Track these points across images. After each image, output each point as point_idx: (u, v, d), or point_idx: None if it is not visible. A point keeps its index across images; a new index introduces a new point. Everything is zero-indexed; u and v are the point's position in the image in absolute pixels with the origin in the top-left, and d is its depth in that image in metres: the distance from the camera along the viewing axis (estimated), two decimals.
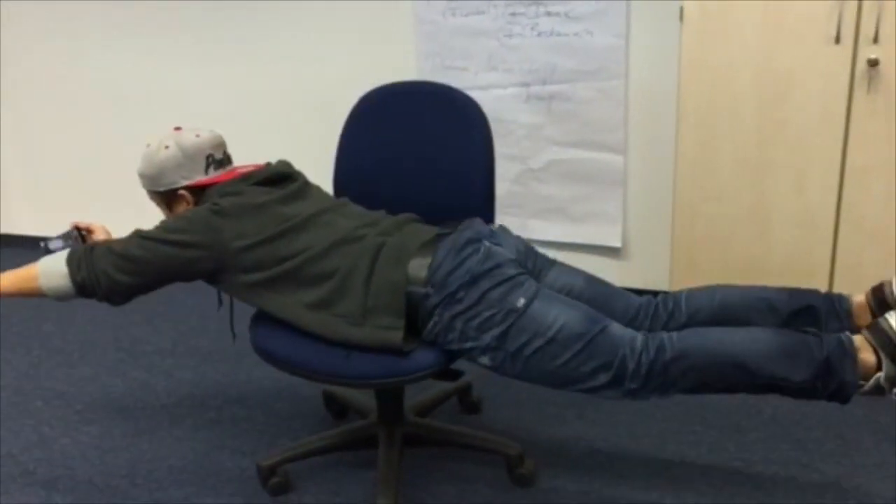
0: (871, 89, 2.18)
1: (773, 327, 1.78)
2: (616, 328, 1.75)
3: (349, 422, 2.36)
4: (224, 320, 1.93)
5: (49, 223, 2.27)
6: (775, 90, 2.25)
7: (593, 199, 3.00)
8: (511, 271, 1.78)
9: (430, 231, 1.92)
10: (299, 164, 2.09)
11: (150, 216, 1.99)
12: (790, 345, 1.68)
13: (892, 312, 1.67)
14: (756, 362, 1.67)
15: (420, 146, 2.16)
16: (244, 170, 1.98)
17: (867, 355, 1.66)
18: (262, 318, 1.94)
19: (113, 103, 3.61)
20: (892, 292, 1.76)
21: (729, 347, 1.69)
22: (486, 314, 1.74)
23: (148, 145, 1.95)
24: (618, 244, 3.02)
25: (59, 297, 1.85)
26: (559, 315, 1.73)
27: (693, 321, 1.87)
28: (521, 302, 1.73)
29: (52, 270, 1.83)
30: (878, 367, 1.64)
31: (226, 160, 2.00)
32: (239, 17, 3.31)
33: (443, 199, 2.11)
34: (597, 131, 2.91)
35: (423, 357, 1.79)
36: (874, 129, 2.20)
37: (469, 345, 1.76)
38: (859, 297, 1.84)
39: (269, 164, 2.01)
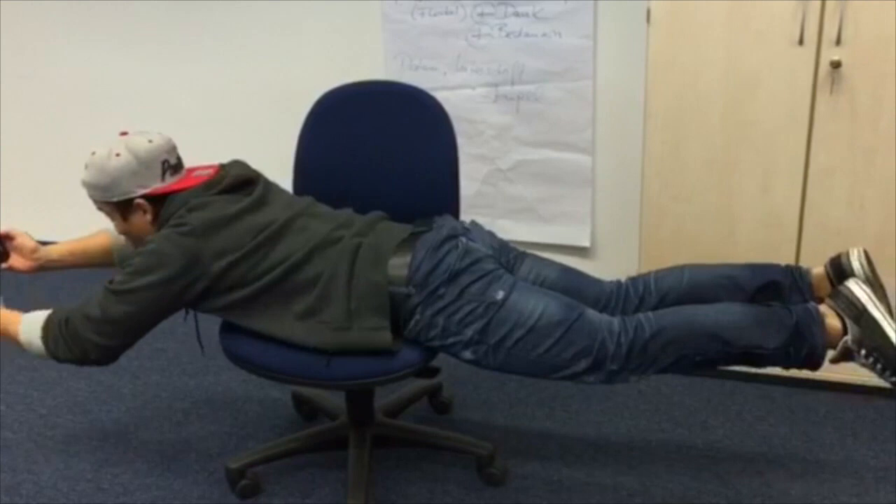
0: (833, 91, 2.21)
1: (742, 303, 1.85)
2: (592, 314, 1.79)
3: (319, 423, 2.35)
4: (191, 322, 1.91)
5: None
6: (741, 91, 2.28)
7: (562, 199, 3.01)
8: (489, 266, 1.81)
9: (403, 229, 1.91)
10: (266, 163, 2.07)
11: None
12: (761, 314, 1.77)
13: (850, 280, 1.78)
14: (731, 332, 1.74)
15: (382, 145, 2.15)
16: (200, 173, 1.91)
17: (833, 321, 1.75)
18: (232, 324, 1.91)
19: (79, 103, 3.56)
20: (848, 262, 1.84)
21: (704, 319, 1.76)
22: (467, 309, 1.76)
23: (93, 153, 1.84)
24: (586, 244, 3.04)
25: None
26: (537, 304, 1.76)
27: (664, 303, 1.92)
28: (500, 295, 1.76)
29: (31, 344, 1.81)
30: (844, 332, 1.73)
31: (179, 164, 1.91)
32: (206, 15, 3.28)
33: (407, 199, 2.11)
34: (565, 132, 2.92)
35: (408, 355, 1.80)
36: (836, 130, 2.23)
37: (451, 340, 1.78)
38: (818, 269, 1.92)
39: (223, 166, 1.94)
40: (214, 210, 1.80)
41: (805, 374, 2.46)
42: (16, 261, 2.06)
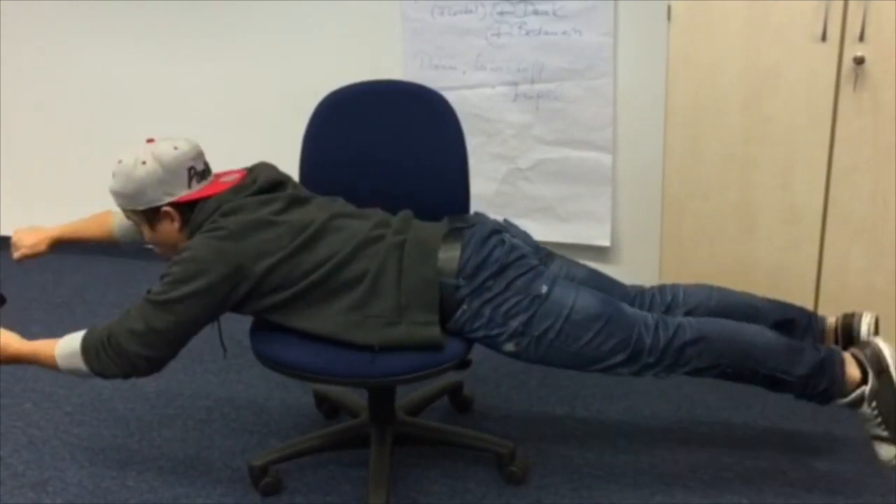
0: (857, 87, 2.19)
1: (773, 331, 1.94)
2: (627, 308, 1.88)
3: (340, 421, 2.36)
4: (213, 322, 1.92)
5: (32, 224, 2.29)
6: (762, 88, 2.27)
7: (582, 199, 3.01)
8: (532, 262, 1.88)
9: (439, 226, 1.94)
10: (287, 165, 2.08)
11: None
12: (793, 344, 1.89)
13: (880, 338, 1.91)
14: (764, 353, 1.85)
15: (389, 145, 2.15)
16: (227, 179, 1.91)
17: (852, 370, 1.86)
18: (262, 327, 1.91)
19: (103, 104, 3.59)
20: (859, 329, 1.99)
21: (743, 337, 1.87)
22: (513, 301, 1.81)
23: (120, 161, 1.83)
24: (606, 243, 3.03)
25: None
26: (577, 298, 1.83)
27: (692, 315, 1.99)
28: (545, 289, 1.83)
29: (73, 369, 1.80)
30: (863, 382, 1.85)
31: (207, 171, 1.91)
32: (225, 15, 3.30)
33: (417, 198, 2.10)
34: (585, 130, 2.92)
35: (452, 348, 1.83)
36: (860, 127, 2.21)
37: (496, 331, 1.82)
38: (831, 320, 2.07)
39: (250, 170, 1.95)
40: (249, 212, 1.80)
41: None
42: (23, 253, 2.12)
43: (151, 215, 1.85)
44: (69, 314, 3.20)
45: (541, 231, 3.04)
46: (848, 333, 2.02)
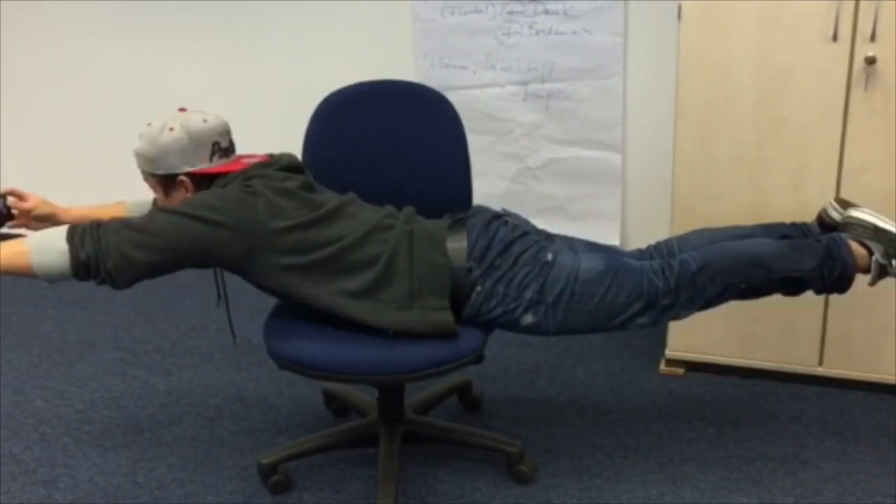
0: (868, 87, 2.18)
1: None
2: (630, 260, 1.96)
3: (349, 420, 2.36)
4: (223, 319, 1.93)
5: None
6: (773, 88, 2.26)
7: (592, 198, 3.00)
8: (535, 237, 1.95)
9: (443, 220, 1.99)
10: None
11: None
12: (794, 243, 1.96)
13: (850, 208, 1.98)
14: (771, 259, 1.90)
15: (390, 144, 2.16)
16: (250, 159, 1.93)
17: (857, 248, 1.91)
18: (274, 324, 1.92)
19: (112, 102, 3.61)
20: (828, 215, 2.04)
21: (745, 251, 1.93)
22: (523, 272, 1.87)
23: (149, 124, 1.86)
24: (616, 242, 3.02)
25: (50, 278, 1.69)
26: (582, 259, 1.91)
27: None
28: (550, 256, 1.90)
29: (46, 246, 1.68)
30: (870, 253, 1.90)
31: (231, 149, 1.93)
32: (237, 14, 3.31)
33: (420, 196, 2.10)
34: (595, 130, 2.92)
35: (470, 339, 1.85)
36: (871, 127, 2.20)
37: (512, 305, 1.87)
38: (814, 226, 2.12)
39: (272, 155, 1.98)
40: (273, 180, 1.83)
41: (838, 372, 2.44)
42: (28, 223, 2.03)
43: (167, 182, 1.87)
44: (80, 311, 3.21)
45: (551, 230, 3.03)
46: (824, 225, 2.06)
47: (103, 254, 1.68)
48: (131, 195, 2.15)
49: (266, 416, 2.46)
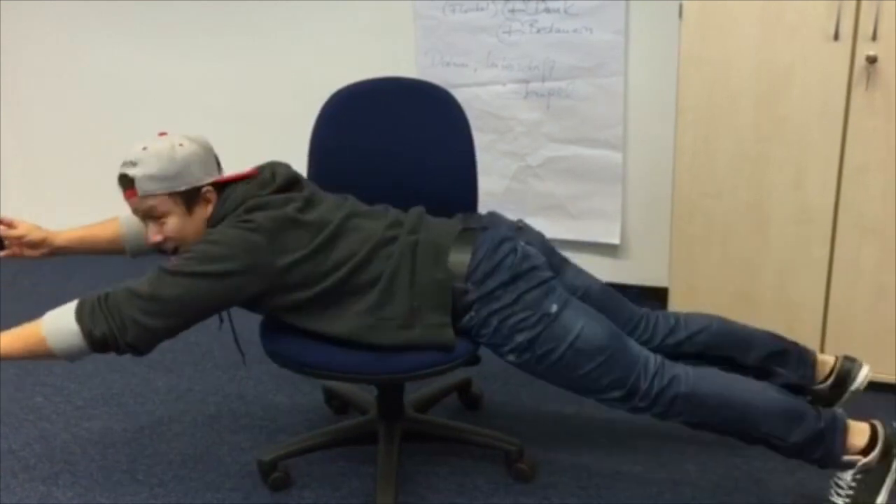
0: (869, 86, 2.18)
1: (778, 388, 1.91)
2: (634, 346, 1.85)
3: (349, 418, 2.36)
4: (223, 318, 1.92)
5: (47, 221, 2.29)
6: (774, 87, 2.26)
7: (592, 196, 3.00)
8: (545, 275, 1.84)
9: (454, 224, 1.94)
10: (299, 163, 2.09)
11: None
12: (792, 408, 1.83)
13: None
14: (759, 417, 1.81)
15: (396, 142, 2.15)
16: (235, 176, 1.88)
17: (856, 440, 1.83)
18: (272, 324, 1.92)
19: (112, 101, 3.61)
20: (855, 378, 2.00)
21: (740, 396, 1.83)
22: (521, 315, 1.79)
23: (145, 148, 1.77)
24: (616, 241, 3.02)
25: (73, 357, 1.72)
26: (585, 326, 1.81)
27: (692, 341, 2.01)
28: (554, 308, 1.80)
29: (60, 328, 1.69)
30: (863, 453, 1.82)
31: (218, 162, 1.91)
32: (238, 12, 3.31)
33: (426, 193, 2.11)
34: (595, 128, 2.92)
35: (461, 346, 1.83)
36: (872, 126, 2.20)
37: (500, 341, 1.82)
38: (827, 357, 2.06)
39: (261, 168, 1.92)
40: (276, 208, 1.78)
41: None
42: (20, 251, 2.00)
43: (190, 198, 1.80)
44: None
45: (551, 228, 3.04)
46: (844, 378, 2.01)
47: (119, 329, 1.68)
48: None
49: (266, 414, 2.46)
